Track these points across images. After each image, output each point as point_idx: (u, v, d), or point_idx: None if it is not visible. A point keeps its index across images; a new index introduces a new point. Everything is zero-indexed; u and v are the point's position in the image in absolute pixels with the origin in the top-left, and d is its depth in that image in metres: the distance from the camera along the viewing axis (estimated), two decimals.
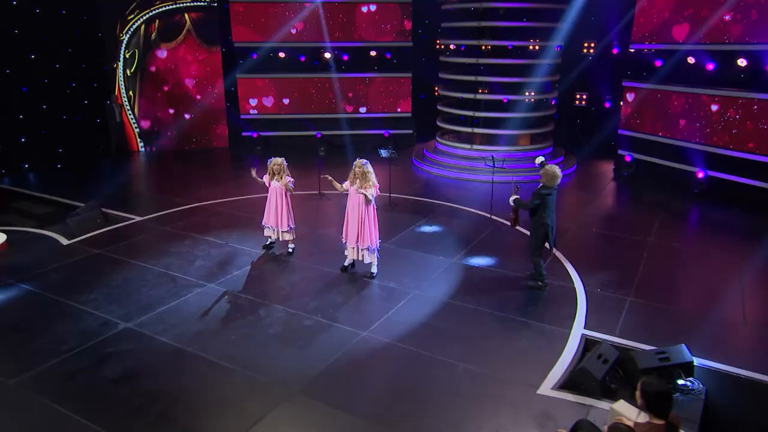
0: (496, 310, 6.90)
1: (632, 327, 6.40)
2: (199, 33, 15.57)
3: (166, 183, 12.99)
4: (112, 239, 9.29)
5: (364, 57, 15.97)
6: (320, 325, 6.59)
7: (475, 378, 5.54)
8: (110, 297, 7.25)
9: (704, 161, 11.29)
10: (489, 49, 13.47)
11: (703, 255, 8.77)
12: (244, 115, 16.18)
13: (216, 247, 8.94)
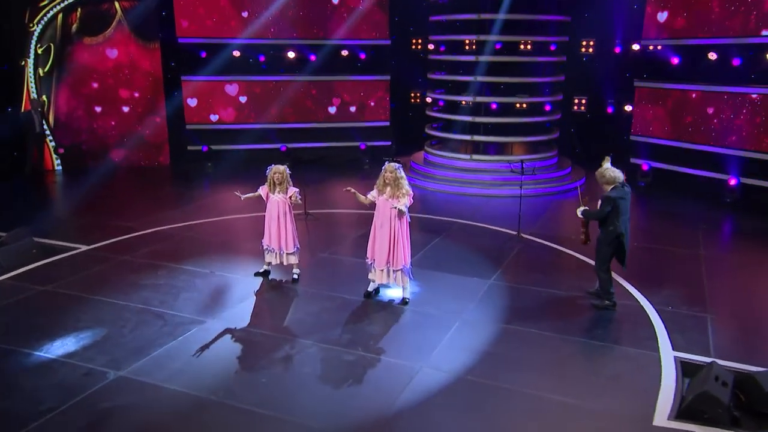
0: (563, 333, 6.83)
1: (726, 346, 6.49)
2: (134, 26, 14.95)
3: (103, 206, 12.26)
4: (59, 273, 8.57)
5: (334, 57, 15.90)
6: (365, 359, 6.27)
7: (569, 410, 5.39)
8: (83, 342, 6.59)
9: (736, 167, 11.90)
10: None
11: (750, 258, 9.22)
12: (191, 125, 15.67)
13: (200, 277, 8.42)
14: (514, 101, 13.84)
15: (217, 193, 13.33)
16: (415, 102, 17.90)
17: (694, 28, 12.57)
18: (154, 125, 15.50)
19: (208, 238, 10.17)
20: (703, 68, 12.65)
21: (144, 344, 6.53)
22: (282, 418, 5.28)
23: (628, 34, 14.78)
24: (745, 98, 11.91)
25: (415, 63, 16.85)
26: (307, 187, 8.58)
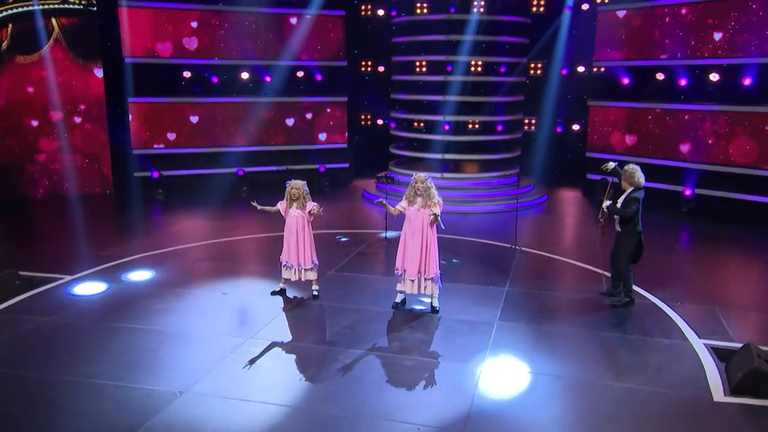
0: (597, 330, 7.47)
1: (742, 332, 7.35)
2: (72, 44, 14.55)
3: (63, 235, 11.93)
4: (56, 303, 8.27)
5: (290, 78, 16.17)
6: (426, 364, 6.60)
7: (637, 395, 5.96)
8: (127, 366, 6.47)
9: (691, 179, 13.28)
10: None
11: (717, 255, 10.56)
12: (139, 149, 15.33)
13: (214, 300, 8.42)
14: (482, 120, 14.72)
15: (184, 220, 13.16)
16: (366, 124, 18.50)
17: (642, 51, 14.03)
18: (96, 150, 15.02)
19: (199, 263, 10.19)
20: (651, 88, 14.12)
21: (194, 363, 6.52)
22: (375, 420, 5.50)
23: (576, 56, 16.18)
24: (694, 115, 13.39)
25: (364, 85, 17.48)
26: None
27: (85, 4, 14.49)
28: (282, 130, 16.31)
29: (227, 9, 15.32)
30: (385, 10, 17.38)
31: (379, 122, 18.48)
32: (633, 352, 7.00)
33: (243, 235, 11.89)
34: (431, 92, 14.85)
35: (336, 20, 16.18)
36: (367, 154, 17.97)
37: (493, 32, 14.55)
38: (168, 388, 6.00)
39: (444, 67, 14.84)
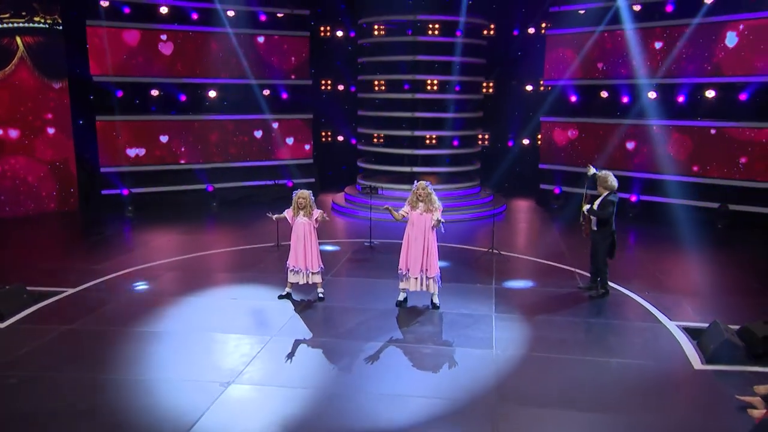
0: (583, 317, 8.43)
1: (703, 313, 8.41)
2: (38, 62, 14.52)
3: (49, 252, 11.89)
4: (70, 313, 8.47)
5: (257, 96, 16.63)
6: (442, 351, 7.30)
7: (631, 368, 6.85)
8: (165, 365, 6.89)
9: (636, 187, 14.61)
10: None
11: (666, 252, 11.89)
12: (107, 167, 15.37)
13: (225, 305, 8.87)
14: (446, 135, 15.66)
15: (161, 235, 13.39)
16: (327, 141, 19.13)
17: (587, 71, 15.36)
18: (62, 168, 14.98)
19: (192, 273, 10.47)
20: (597, 105, 15.46)
21: (228, 359, 6.97)
22: (409, 396, 6.14)
23: (524, 75, 17.43)
24: (635, 129, 14.78)
25: (324, 103, 18.13)
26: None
27: (50, 23, 14.50)
28: (250, 146, 16.72)
29: (195, 29, 15.66)
30: (344, 32, 18.16)
31: (340, 138, 19.16)
32: (618, 335, 7.92)
33: (222, 248, 12.27)
34: (392, 109, 15.70)
35: (301, 41, 16.80)
36: (329, 169, 18.61)
37: (448, 53, 15.56)
38: (213, 381, 6.43)
39: (402, 85, 15.78)
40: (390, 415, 5.82)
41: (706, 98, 14.03)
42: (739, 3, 13.19)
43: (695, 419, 5.85)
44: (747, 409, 5.73)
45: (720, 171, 13.85)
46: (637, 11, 14.51)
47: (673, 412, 6.04)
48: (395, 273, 9.41)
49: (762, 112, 13.23)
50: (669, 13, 14.16)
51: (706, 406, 6.15)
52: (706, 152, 14.00)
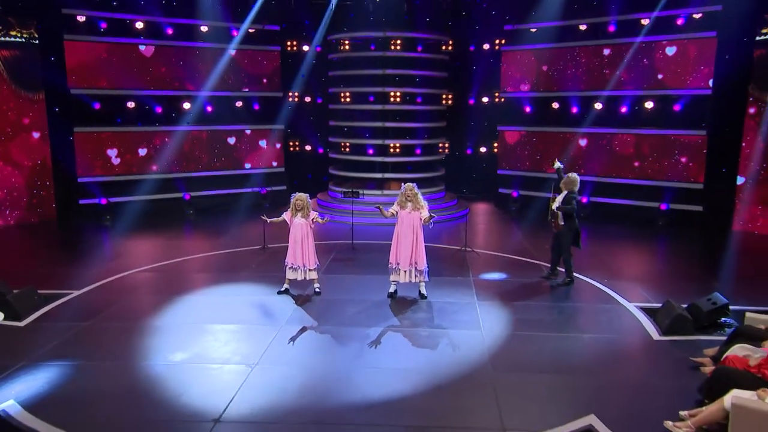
0: (555, 302, 9.49)
1: (654, 294, 9.57)
2: (14, 75, 14.71)
3: (41, 259, 12.27)
4: (85, 312, 8.95)
5: (228, 107, 17.21)
6: (437, 333, 8.15)
7: (601, 342, 7.87)
8: (192, 352, 7.49)
9: (587, 189, 15.87)
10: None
11: (617, 246, 12.95)
12: (85, 178, 15.64)
13: (230, 300, 9.49)
14: (414, 143, 16.61)
15: (142, 242, 13.83)
16: (294, 150, 19.78)
17: (541, 84, 16.62)
18: (39, 179, 15.18)
19: (187, 275, 11.07)
20: (549, 115, 16.71)
21: (247, 346, 7.65)
22: (414, 370, 6.97)
23: (481, 88, 18.58)
24: (584, 136, 16.09)
25: (291, 114, 18.79)
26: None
27: (26, 37, 14.71)
28: (225, 156, 17.25)
29: (170, 44, 16.14)
30: (310, 46, 18.91)
31: (308, 148, 19.85)
32: (586, 315, 8.97)
33: (209, 251, 12.69)
34: (363, 119, 16.59)
35: (272, 55, 17.48)
36: (296, 178, 19.25)
37: (409, 67, 16.58)
38: (239, 364, 7.11)
39: (369, 97, 16.70)
40: (401, 386, 6.60)
41: (645, 109, 15.42)
42: (671, 25, 14.64)
43: (658, 377, 6.86)
44: (699, 367, 6.81)
45: (659, 174, 15.25)
46: (584, 30, 15.85)
47: (639, 373, 7.12)
48: (380, 269, 10.33)
49: (694, 121, 14.69)
50: (612, 33, 15.54)
51: (665, 367, 7.18)
52: (647, 157, 15.39)
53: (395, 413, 6.11)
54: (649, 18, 14.84)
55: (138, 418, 6.00)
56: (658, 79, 15.00)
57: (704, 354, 7.07)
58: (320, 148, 19.41)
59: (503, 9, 17.20)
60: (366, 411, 6.13)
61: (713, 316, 8.22)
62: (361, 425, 5.89)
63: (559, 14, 15.79)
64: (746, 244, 13.31)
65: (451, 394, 6.50)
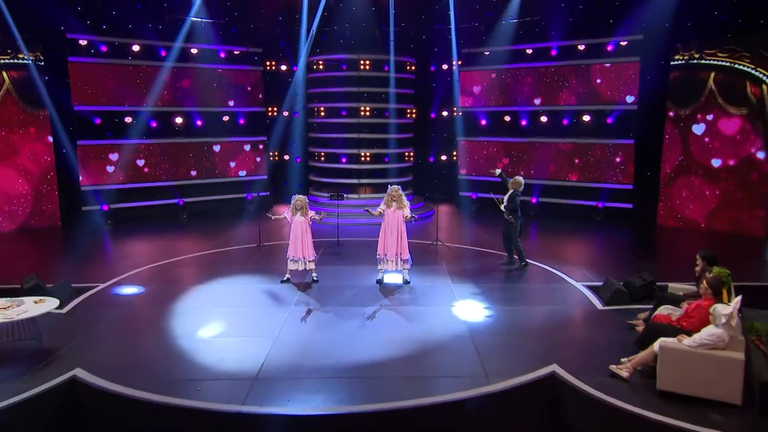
0: (515, 283, 10.67)
1: (595, 274, 10.86)
2: (22, 94, 15.16)
3: (59, 257, 12.73)
4: (118, 300, 9.73)
5: (217, 122, 17.94)
6: (423, 310, 9.22)
7: (556, 313, 9.08)
8: (219, 329, 8.34)
9: (536, 191, 17.24)
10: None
11: (563, 238, 14.23)
12: (87, 186, 16.13)
13: (240, 288, 10.35)
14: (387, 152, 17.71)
15: (145, 243, 14.45)
16: (274, 160, 20.56)
17: (494, 100, 17.95)
18: (45, 188, 15.62)
19: (194, 269, 11.78)
20: (502, 127, 18.04)
21: (265, 325, 8.53)
22: (407, 338, 8.03)
23: (441, 104, 19.81)
24: (532, 145, 17.47)
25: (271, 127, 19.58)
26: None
27: (33, 59, 15.16)
28: (214, 164, 17.95)
29: (163, 65, 16.79)
30: (287, 66, 19.78)
31: (286, 157, 20.65)
32: (542, 293, 10.17)
33: (209, 250, 13.34)
34: (341, 131, 17.61)
35: (255, 74, 18.32)
36: (275, 184, 20.03)
37: (378, 85, 17.70)
38: (263, 338, 8.02)
39: (340, 111, 17.76)
40: (398, 350, 7.64)
41: (583, 121, 16.87)
42: (603, 51, 16.14)
43: (603, 336, 8.08)
44: (634, 327, 8.08)
45: (596, 177, 16.73)
46: (530, 54, 17.25)
47: (588, 333, 8.36)
48: (366, 260, 11.39)
49: (623, 131, 16.17)
50: (553, 56, 16.97)
51: (608, 329, 8.39)
52: (585, 163, 16.86)
53: (396, 368, 7.16)
54: (584, 44, 16.33)
55: (189, 375, 6.89)
56: (592, 95, 16.48)
57: (638, 317, 8.35)
58: (297, 157, 20.24)
59: (460, 34, 18.44)
60: (372, 368, 7.16)
61: (643, 289, 9.54)
62: (371, 378, 6.91)
63: (509, 40, 17.16)
64: (667, 234, 14.89)
65: (439, 353, 7.58)
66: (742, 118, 14.02)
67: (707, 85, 14.38)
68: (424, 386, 6.67)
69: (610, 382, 6.61)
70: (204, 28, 17.05)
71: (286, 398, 6.37)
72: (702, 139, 14.75)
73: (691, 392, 6.13)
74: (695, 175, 14.95)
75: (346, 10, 17.89)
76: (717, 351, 6.11)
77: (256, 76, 18.42)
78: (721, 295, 6.62)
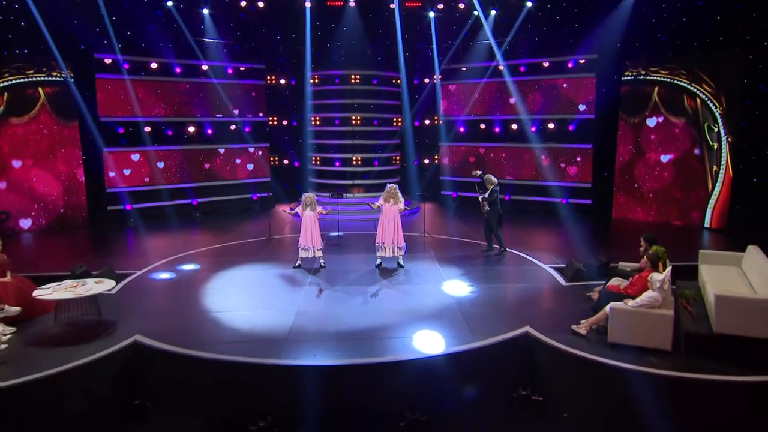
0: (495, 266, 11.70)
1: (561, 258, 12.00)
2: (55, 107, 15.85)
3: (89, 250, 13.51)
4: (154, 283, 10.60)
5: (225, 130, 18.81)
6: (417, 287, 10.25)
7: (528, 290, 10.18)
8: (247, 304, 9.30)
9: (508, 189, 18.40)
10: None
11: (532, 229, 15.37)
12: (111, 188, 16.89)
13: (259, 273, 11.28)
14: (372, 156, 18.70)
15: (166, 237, 15.18)
16: (274, 164, 21.45)
17: (471, 110, 19.07)
18: (70, 191, 16.32)
19: (219, 258, 12.59)
20: (478, 133, 19.17)
21: (285, 301, 9.50)
22: (406, 310, 9.07)
23: (424, 113, 20.88)
24: (506, 149, 18.64)
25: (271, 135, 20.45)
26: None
27: (64, 76, 15.90)
28: (223, 168, 18.81)
29: (178, 80, 17.63)
30: (286, 80, 20.69)
31: (285, 162, 21.55)
32: (516, 273, 11.25)
33: (224, 243, 14.13)
34: (338, 138, 18.61)
35: (259, 87, 19.24)
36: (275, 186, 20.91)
37: (368, 97, 18.73)
38: (286, 309, 9.00)
39: (334, 121, 18.78)
40: (399, 319, 8.68)
41: (548, 128, 18.06)
42: (564, 68, 17.36)
43: (566, 305, 9.17)
44: (591, 297, 9.21)
45: (560, 177, 17.92)
46: (501, 69, 18.39)
47: (554, 303, 9.47)
48: (364, 249, 12.41)
49: (582, 137, 17.38)
50: (522, 72, 18.14)
51: (571, 299, 9.49)
52: (550, 164, 18.04)
53: (397, 332, 8.17)
54: (548, 61, 17.54)
55: (230, 339, 7.85)
56: (556, 106, 17.69)
57: (594, 290, 9.48)
58: (296, 162, 21.16)
59: (440, 51, 19.54)
60: (378, 331, 8.18)
61: (599, 269, 10.68)
62: (381, 338, 7.93)
63: (484, 57, 18.32)
64: (620, 225, 16.12)
65: (432, 320, 8.62)
66: (681, 125, 15.32)
67: (652, 97, 15.66)
68: (421, 345, 7.71)
69: (572, 338, 7.73)
70: (214, 47, 17.91)
71: (313, 354, 7.37)
72: (648, 143, 16.02)
73: (634, 342, 7.27)
74: (643, 174, 16.21)
75: (338, 31, 18.90)
76: (653, 310, 7.25)
77: (260, 89, 19.32)
78: (658, 267, 7.77)
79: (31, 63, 15.23)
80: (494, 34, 17.93)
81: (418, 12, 18.99)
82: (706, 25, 14.07)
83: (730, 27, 13.61)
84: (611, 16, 15.65)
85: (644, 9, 15.10)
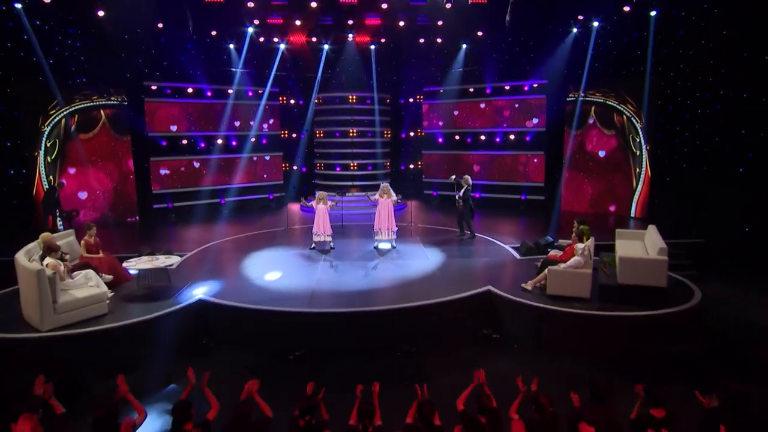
0: (468, 246, 13.21)
1: (516, 239, 13.51)
2: (112, 125, 17.17)
3: (141, 239, 14.82)
4: (205, 261, 11.93)
5: (245, 141, 20.16)
6: (408, 262, 11.70)
7: (493, 262, 11.69)
8: (277, 275, 10.77)
9: (478, 189, 19.93)
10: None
11: (492, 219, 16.92)
12: (156, 190, 18.20)
13: (279, 254, 12.65)
14: (366, 162, 20.14)
15: (200, 229, 16.47)
16: (285, 169, 22.78)
17: (447, 124, 20.61)
18: (125, 193, 17.58)
19: (248, 243, 13.83)
20: (454, 143, 20.68)
21: (305, 275, 10.89)
22: (399, 278, 10.56)
23: (409, 126, 22.36)
24: (475, 156, 20.17)
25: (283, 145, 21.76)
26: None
27: (120, 100, 17.17)
28: (245, 173, 20.17)
29: (209, 101, 18.98)
30: (294, 100, 22.06)
31: (294, 168, 22.92)
32: (483, 251, 12.74)
33: (251, 232, 15.39)
34: (339, 147, 20.08)
35: (275, 107, 20.63)
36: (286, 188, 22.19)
37: (363, 114, 20.21)
38: (308, 277, 10.46)
39: (334, 133, 20.24)
40: (394, 283, 10.19)
41: (509, 139, 19.58)
42: (521, 90, 18.88)
43: (519, 272, 10.69)
44: (537, 265, 10.73)
45: (519, 178, 19.54)
46: (472, 91, 19.94)
47: (510, 271, 10.99)
48: (363, 236, 13.84)
49: (537, 146, 18.90)
50: (488, 93, 19.71)
51: (523, 268, 10.99)
52: (511, 168, 19.62)
53: (393, 291, 9.68)
54: (509, 85, 19.13)
55: (269, 296, 9.29)
56: (515, 121, 19.25)
57: (539, 260, 11.04)
58: (303, 167, 22.51)
59: (422, 76, 21.04)
60: (378, 291, 9.68)
61: (546, 246, 12.26)
62: (378, 296, 9.42)
63: (458, 81, 19.86)
64: (565, 216, 17.63)
65: (418, 283, 10.13)
66: (612, 137, 16.97)
67: (590, 115, 17.29)
68: (410, 299, 9.21)
69: (522, 293, 9.28)
70: (241, 75, 19.28)
71: (332, 306, 8.85)
72: (588, 151, 17.65)
73: (564, 293, 8.85)
74: (583, 175, 17.83)
75: (337, 59, 20.32)
76: (578, 270, 8.83)
77: (276, 108, 20.71)
78: (582, 240, 9.35)
79: (94, 90, 16.52)
80: (466, 62, 19.47)
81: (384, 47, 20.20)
82: (631, 58, 15.73)
83: (647, 60, 15.27)
84: (559, 48, 17.26)
85: (584, 44, 16.72)
